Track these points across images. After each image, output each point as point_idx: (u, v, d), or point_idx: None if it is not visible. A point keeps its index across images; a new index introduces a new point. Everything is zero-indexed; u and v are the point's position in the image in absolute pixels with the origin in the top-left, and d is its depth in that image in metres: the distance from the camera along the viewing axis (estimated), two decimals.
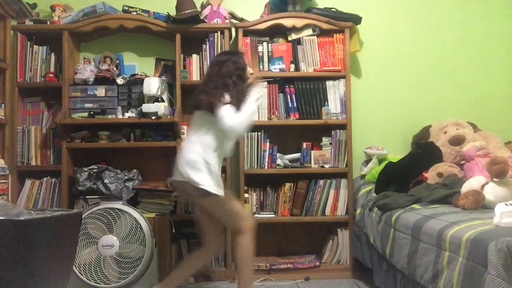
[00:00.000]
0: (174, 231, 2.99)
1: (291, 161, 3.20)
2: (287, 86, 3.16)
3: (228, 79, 2.38)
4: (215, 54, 3.12)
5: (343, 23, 3.19)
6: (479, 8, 3.51)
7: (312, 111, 3.17)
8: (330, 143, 3.17)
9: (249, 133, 3.06)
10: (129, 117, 3.06)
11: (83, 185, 2.94)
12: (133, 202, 3.00)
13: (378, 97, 3.42)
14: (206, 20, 3.19)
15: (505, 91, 3.50)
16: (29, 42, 3.12)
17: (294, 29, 3.20)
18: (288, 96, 3.15)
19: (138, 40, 3.34)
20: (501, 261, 1.50)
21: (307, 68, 3.19)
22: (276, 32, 3.23)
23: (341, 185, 3.14)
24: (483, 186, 2.29)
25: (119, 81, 3.14)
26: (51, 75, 3.10)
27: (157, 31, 3.17)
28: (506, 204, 1.81)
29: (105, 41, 3.33)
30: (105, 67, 3.15)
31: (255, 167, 3.11)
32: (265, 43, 3.19)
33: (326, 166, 3.15)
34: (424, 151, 2.95)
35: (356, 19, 3.26)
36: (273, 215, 3.12)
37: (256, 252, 3.18)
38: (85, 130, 3.13)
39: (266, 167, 3.12)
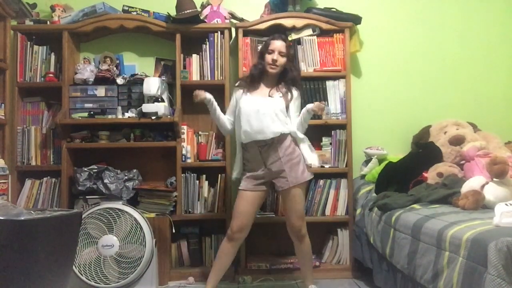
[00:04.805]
0: (174, 231, 3.00)
1: None
2: None
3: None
4: (215, 54, 3.13)
5: (343, 23, 3.19)
6: (479, 8, 3.51)
7: None
8: (330, 143, 3.17)
9: None
10: (129, 117, 3.06)
11: (83, 185, 2.94)
12: (133, 202, 3.00)
13: (378, 97, 3.42)
14: (206, 20, 3.19)
15: (505, 91, 3.50)
16: (29, 42, 3.12)
17: (294, 29, 3.19)
18: None
19: (138, 40, 3.34)
20: (501, 261, 1.50)
21: (307, 68, 3.19)
22: (276, 32, 3.22)
23: (341, 185, 3.14)
24: (483, 186, 2.29)
25: (119, 81, 3.14)
26: (51, 75, 3.11)
27: (157, 31, 3.17)
28: (506, 204, 1.81)
29: (105, 41, 3.33)
30: (105, 67, 3.15)
31: None
32: None
33: (326, 166, 3.15)
34: (424, 151, 2.95)
35: (356, 19, 3.26)
36: (273, 215, 3.12)
37: (256, 252, 3.21)
38: (85, 130, 3.13)
39: None
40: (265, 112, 2.46)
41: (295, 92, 2.58)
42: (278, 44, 2.53)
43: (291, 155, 2.48)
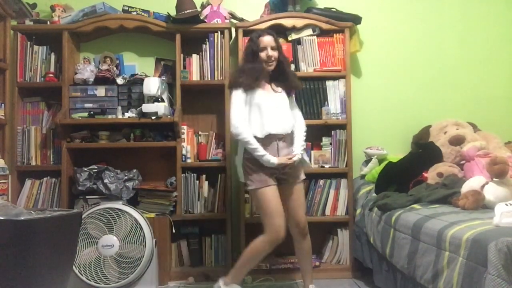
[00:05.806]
0: (174, 231, 3.00)
1: None
2: None
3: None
4: (215, 54, 3.13)
5: (343, 23, 3.19)
6: (479, 8, 3.51)
7: (312, 111, 3.17)
8: (330, 143, 3.17)
9: None
10: (129, 117, 3.06)
11: (83, 185, 2.94)
12: (133, 202, 3.00)
13: (378, 97, 3.42)
14: (206, 20, 3.19)
15: (505, 91, 3.50)
16: (29, 42, 3.12)
17: (294, 29, 3.19)
18: None
19: (138, 40, 3.34)
20: (501, 261, 1.50)
21: (307, 68, 3.19)
22: (276, 32, 3.20)
23: (341, 185, 3.14)
24: (483, 186, 2.29)
25: (119, 81, 3.15)
26: (51, 75, 3.11)
27: (157, 31, 3.16)
28: (506, 204, 1.81)
29: (105, 41, 3.33)
30: (105, 67, 3.15)
31: None
32: None
33: (326, 166, 3.15)
34: (424, 151, 2.95)
35: (356, 19, 3.26)
36: None
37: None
38: (85, 130, 3.13)
39: None
40: (283, 107, 2.51)
41: (290, 90, 2.61)
42: (268, 39, 2.50)
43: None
